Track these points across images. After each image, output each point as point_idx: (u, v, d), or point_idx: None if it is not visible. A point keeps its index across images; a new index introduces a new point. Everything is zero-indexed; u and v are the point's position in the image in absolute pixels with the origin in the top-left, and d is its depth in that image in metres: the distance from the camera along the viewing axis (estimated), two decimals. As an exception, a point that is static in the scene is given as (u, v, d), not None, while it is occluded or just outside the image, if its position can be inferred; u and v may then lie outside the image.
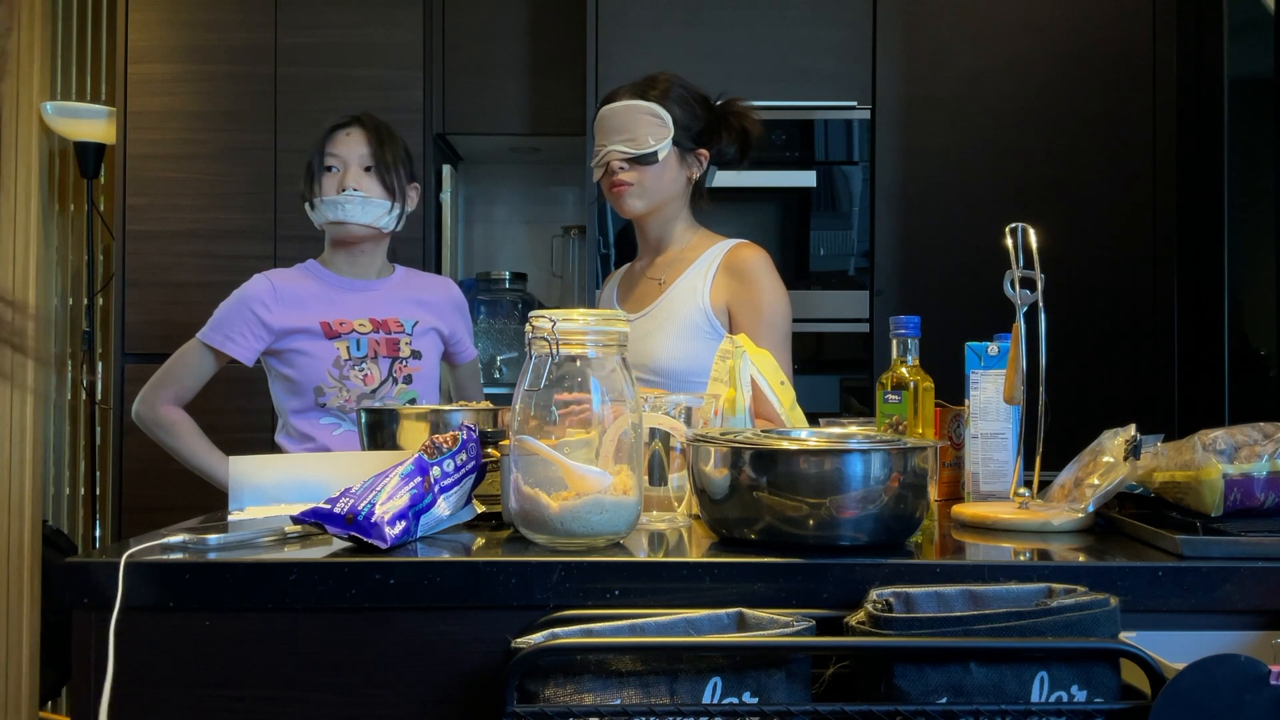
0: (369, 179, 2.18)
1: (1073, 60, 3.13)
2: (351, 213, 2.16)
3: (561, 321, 1.21)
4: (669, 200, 2.11)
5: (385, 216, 2.20)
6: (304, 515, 1.21)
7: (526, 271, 3.83)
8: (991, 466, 1.55)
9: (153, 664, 1.11)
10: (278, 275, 2.23)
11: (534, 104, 3.53)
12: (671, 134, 2.06)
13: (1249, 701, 0.96)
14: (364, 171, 2.18)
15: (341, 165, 2.18)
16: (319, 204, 2.18)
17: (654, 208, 2.11)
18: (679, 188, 2.12)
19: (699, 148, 2.11)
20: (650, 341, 2.06)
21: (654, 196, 2.09)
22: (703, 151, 2.12)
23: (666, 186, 2.09)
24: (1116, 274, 3.11)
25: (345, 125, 2.22)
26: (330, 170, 2.19)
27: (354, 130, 2.21)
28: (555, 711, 0.98)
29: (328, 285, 2.24)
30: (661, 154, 2.05)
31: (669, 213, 2.13)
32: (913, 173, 3.16)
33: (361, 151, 2.19)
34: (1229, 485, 1.22)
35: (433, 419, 1.63)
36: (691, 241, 2.15)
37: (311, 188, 2.21)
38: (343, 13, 3.37)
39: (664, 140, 2.05)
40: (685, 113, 2.08)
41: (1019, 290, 1.41)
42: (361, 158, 2.19)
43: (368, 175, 2.19)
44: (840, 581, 1.12)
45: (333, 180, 2.18)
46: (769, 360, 1.68)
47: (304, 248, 2.99)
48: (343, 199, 2.16)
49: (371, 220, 2.18)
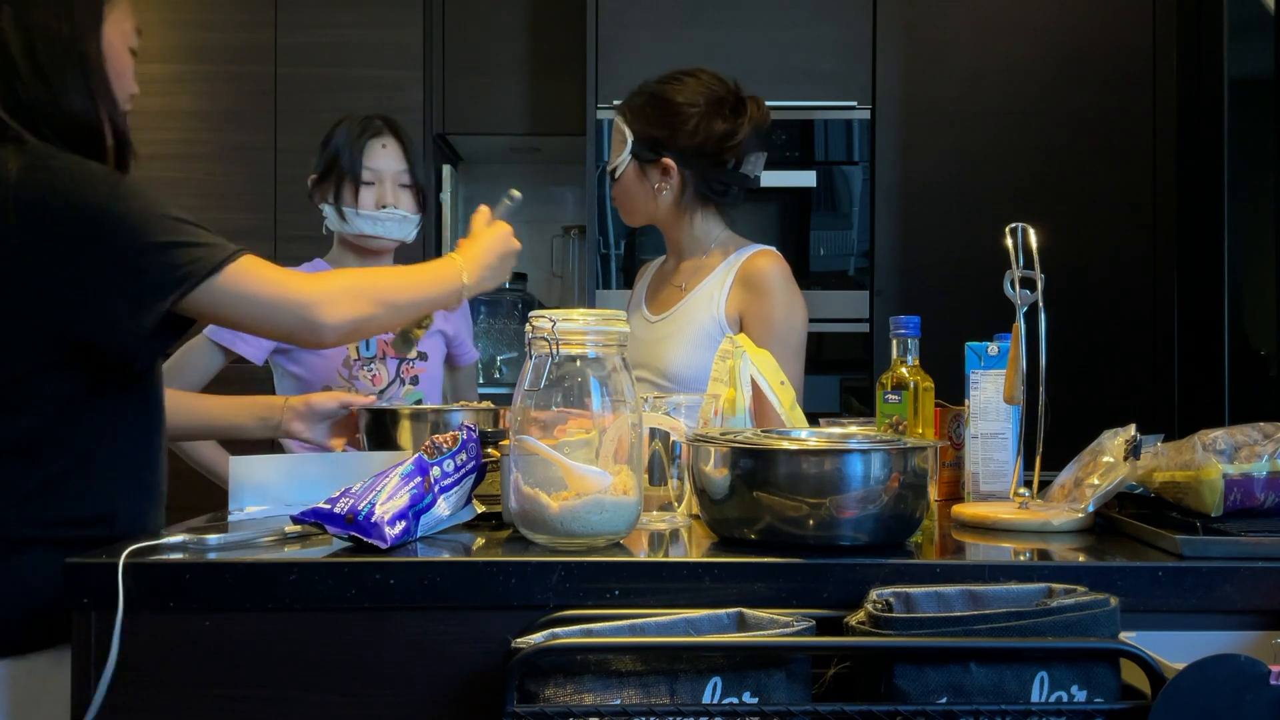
0: (405, 195, 2.17)
1: (1073, 60, 3.13)
2: (390, 229, 2.16)
3: (561, 321, 1.21)
4: (645, 213, 2.08)
5: (414, 231, 2.21)
6: (304, 515, 1.21)
7: (526, 271, 3.83)
8: (991, 466, 1.55)
9: (153, 664, 1.11)
10: None
11: (534, 104, 3.53)
12: (629, 147, 2.02)
13: (1249, 701, 0.96)
14: (400, 188, 2.17)
15: (378, 179, 2.16)
16: (354, 217, 2.14)
17: (639, 220, 2.11)
18: (644, 200, 2.05)
19: (661, 157, 2.00)
20: (665, 346, 2.04)
21: (630, 211, 2.09)
22: (665, 161, 2.00)
23: (634, 202, 2.06)
24: (1116, 274, 3.11)
25: (378, 135, 2.18)
26: (367, 184, 2.16)
27: (390, 143, 2.18)
28: (555, 711, 0.98)
29: None
30: (619, 170, 2.04)
31: (664, 222, 2.09)
32: (913, 173, 3.16)
33: (399, 167, 2.17)
34: (1229, 485, 1.22)
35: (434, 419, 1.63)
36: (714, 248, 2.09)
37: (339, 193, 2.17)
38: (343, 13, 3.37)
39: (621, 155, 2.03)
40: (642, 123, 2.01)
41: (1019, 290, 1.41)
42: (397, 174, 2.17)
43: (404, 191, 2.18)
44: (840, 581, 1.12)
45: (369, 194, 2.15)
46: (769, 360, 1.68)
47: (304, 248, 2.98)
48: (384, 216, 2.14)
49: (404, 236, 2.19)
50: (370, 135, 2.18)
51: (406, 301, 1.51)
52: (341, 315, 1.39)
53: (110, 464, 1.36)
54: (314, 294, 1.37)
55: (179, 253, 1.29)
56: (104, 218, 1.27)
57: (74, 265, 1.27)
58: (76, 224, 1.27)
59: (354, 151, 2.16)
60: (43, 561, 1.28)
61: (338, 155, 2.17)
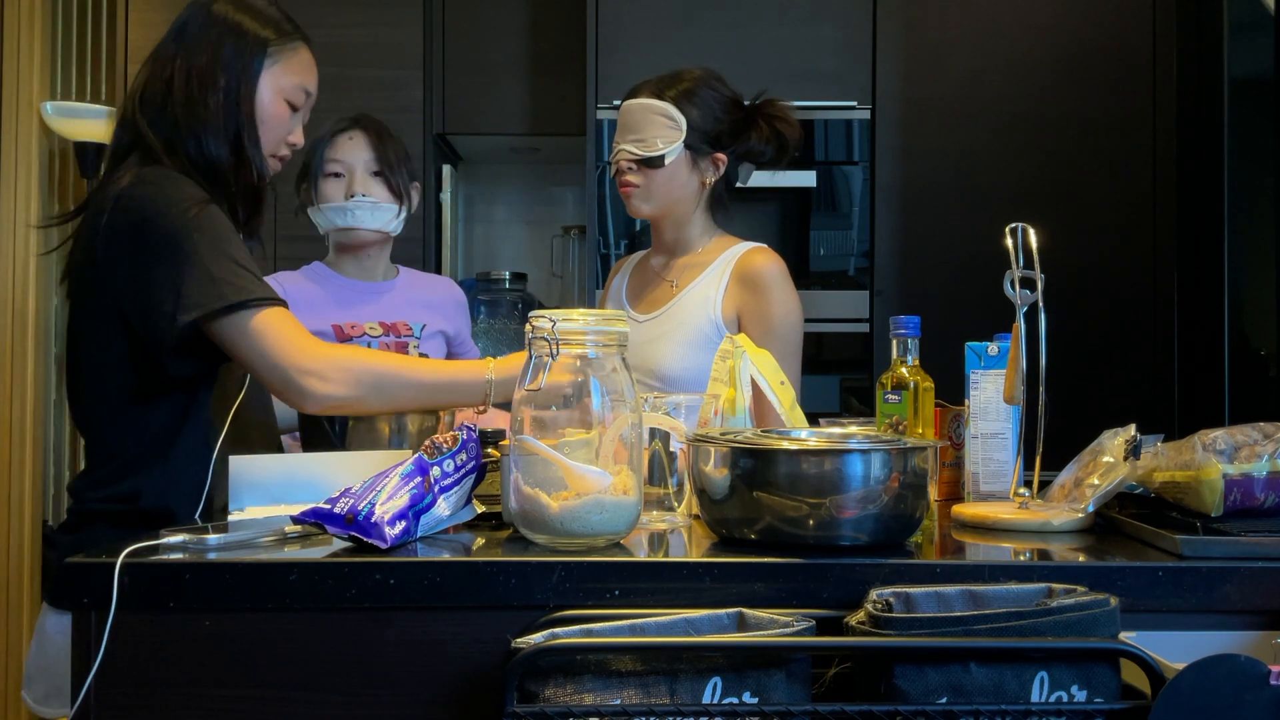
0: (375, 183, 2.17)
1: (1073, 60, 3.13)
2: (361, 219, 2.15)
3: (561, 321, 1.21)
4: (677, 204, 2.06)
5: (394, 220, 2.19)
6: (304, 515, 1.21)
7: (526, 271, 3.83)
8: (991, 466, 1.55)
9: (153, 664, 1.11)
10: (286, 278, 2.24)
11: (534, 104, 3.53)
12: (683, 137, 1.99)
13: (1249, 701, 0.96)
14: (370, 176, 2.17)
15: (346, 170, 2.16)
16: (325, 210, 2.16)
17: (662, 211, 2.07)
18: (688, 192, 2.06)
19: (716, 152, 2.04)
20: (658, 347, 2.03)
21: (660, 200, 2.05)
22: (719, 156, 2.04)
23: (674, 191, 2.04)
24: (1116, 274, 3.11)
25: (346, 129, 2.19)
26: (335, 176, 2.17)
27: (356, 134, 2.19)
28: (555, 711, 0.98)
29: (338, 288, 2.24)
30: (669, 158, 2.00)
31: (680, 216, 2.08)
32: (913, 173, 3.16)
33: (366, 156, 2.17)
34: (1229, 485, 1.22)
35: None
36: (708, 245, 2.10)
37: (312, 193, 2.19)
38: (343, 13, 3.37)
39: (673, 144, 1.99)
40: (704, 115, 2.01)
41: (1019, 290, 1.41)
42: (366, 162, 2.17)
43: (374, 179, 2.17)
44: (840, 581, 1.12)
45: (338, 186, 2.16)
46: (769, 360, 1.68)
47: (304, 248, 2.99)
48: (352, 205, 2.14)
49: (381, 225, 2.18)
50: (336, 130, 2.19)
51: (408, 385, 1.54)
52: (326, 391, 1.46)
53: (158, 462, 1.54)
54: (311, 365, 1.46)
55: (221, 283, 1.45)
56: (173, 238, 1.46)
57: (141, 271, 1.47)
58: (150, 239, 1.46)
59: (320, 148, 2.18)
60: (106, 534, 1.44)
61: (308, 155, 2.18)
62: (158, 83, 1.58)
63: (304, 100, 1.68)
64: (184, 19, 1.61)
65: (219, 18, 1.59)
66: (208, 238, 1.47)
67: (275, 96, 1.62)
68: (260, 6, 1.64)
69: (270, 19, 1.63)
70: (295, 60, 1.65)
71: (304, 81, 1.66)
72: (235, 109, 1.58)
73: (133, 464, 1.54)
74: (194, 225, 1.47)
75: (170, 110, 1.56)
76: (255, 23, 1.61)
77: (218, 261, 1.46)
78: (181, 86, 1.56)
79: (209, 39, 1.58)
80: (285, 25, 1.65)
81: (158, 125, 1.56)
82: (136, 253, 1.47)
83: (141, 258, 1.47)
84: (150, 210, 1.47)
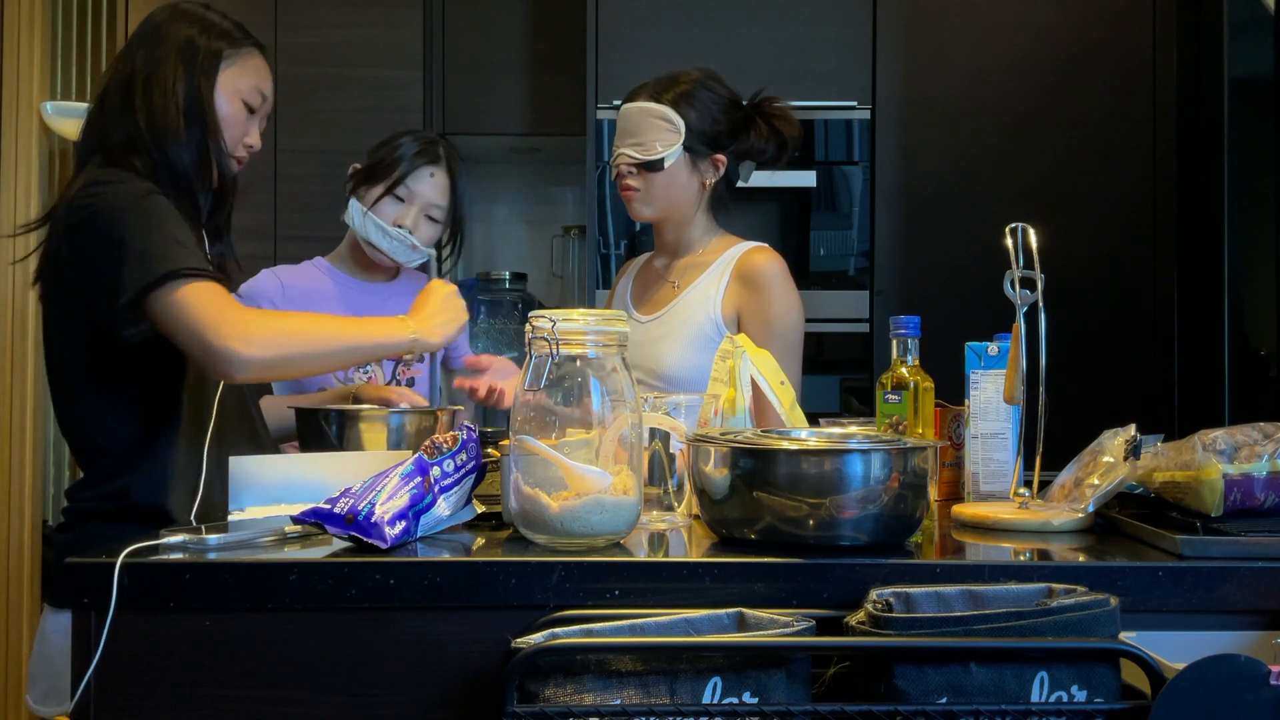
0: (426, 225, 2.13)
1: (1073, 60, 3.13)
2: (394, 249, 2.12)
3: (561, 321, 1.21)
4: (678, 206, 2.06)
5: (417, 259, 2.16)
6: (304, 515, 1.21)
7: (526, 271, 3.83)
8: (991, 466, 1.55)
9: (153, 664, 1.11)
10: (285, 272, 2.22)
11: (534, 104, 3.53)
12: (682, 139, 1.99)
13: (1249, 701, 0.96)
14: (426, 218, 2.13)
15: (409, 200, 2.11)
16: (368, 219, 2.10)
17: (663, 214, 2.07)
18: (689, 194, 2.06)
19: (715, 153, 2.04)
20: (660, 347, 2.03)
21: (661, 203, 2.04)
22: (718, 157, 2.04)
23: (675, 193, 2.04)
24: (1116, 274, 3.11)
25: (435, 163, 2.14)
26: (400, 201, 2.12)
27: (439, 174, 2.14)
28: (555, 711, 0.98)
29: (338, 285, 2.23)
30: (668, 161, 2.00)
31: (682, 217, 2.08)
32: (913, 173, 3.16)
33: (438, 203, 2.13)
34: (1229, 485, 1.22)
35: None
36: (709, 245, 2.10)
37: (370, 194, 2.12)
38: (343, 13, 3.37)
39: (672, 146, 1.99)
40: (701, 116, 2.01)
41: (1019, 290, 1.41)
42: (429, 205, 2.12)
43: (427, 222, 2.13)
44: (840, 581, 1.12)
45: (394, 209, 2.11)
46: (769, 360, 1.68)
47: (304, 248, 2.98)
48: (394, 233, 2.09)
49: (406, 261, 2.15)
50: (427, 160, 2.13)
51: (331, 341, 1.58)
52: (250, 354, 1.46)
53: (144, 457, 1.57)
54: (232, 330, 1.45)
55: (155, 259, 1.47)
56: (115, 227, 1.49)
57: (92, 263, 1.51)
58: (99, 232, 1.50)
59: (405, 166, 2.12)
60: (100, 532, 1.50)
61: (390, 161, 2.12)
62: (118, 89, 1.62)
63: (260, 103, 1.72)
64: (141, 33, 1.66)
65: (172, 35, 1.64)
66: (151, 221, 1.50)
67: (232, 97, 1.67)
68: (213, 19, 1.68)
69: (223, 31, 1.68)
70: (250, 63, 1.70)
71: (259, 83, 1.71)
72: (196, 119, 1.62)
73: (119, 461, 1.56)
74: (137, 211, 1.50)
75: (132, 116, 1.60)
76: (206, 36, 1.65)
77: (156, 242, 1.48)
78: (142, 100, 1.60)
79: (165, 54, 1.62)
80: (237, 34, 1.69)
81: (118, 129, 1.60)
82: (87, 246, 1.51)
83: (90, 251, 1.51)
84: (99, 204, 1.51)
